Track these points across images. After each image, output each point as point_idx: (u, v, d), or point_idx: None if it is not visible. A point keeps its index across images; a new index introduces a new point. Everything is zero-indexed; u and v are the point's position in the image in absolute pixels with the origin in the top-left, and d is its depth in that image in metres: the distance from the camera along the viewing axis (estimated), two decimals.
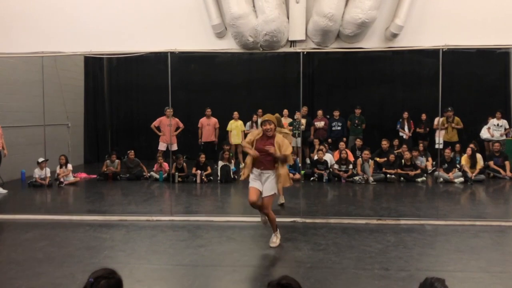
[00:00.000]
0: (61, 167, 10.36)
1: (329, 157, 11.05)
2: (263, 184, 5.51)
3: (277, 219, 6.81)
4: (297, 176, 10.46)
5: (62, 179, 10.22)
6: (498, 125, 11.96)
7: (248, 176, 5.60)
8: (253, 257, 5.40)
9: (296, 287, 2.22)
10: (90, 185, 10.59)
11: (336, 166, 10.80)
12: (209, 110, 11.89)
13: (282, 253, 5.44)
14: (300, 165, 10.75)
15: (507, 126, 12.05)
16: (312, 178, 10.60)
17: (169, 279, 4.70)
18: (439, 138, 10.26)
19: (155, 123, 11.44)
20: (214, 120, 11.87)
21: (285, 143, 5.48)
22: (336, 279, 4.58)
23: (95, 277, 2.26)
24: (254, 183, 5.53)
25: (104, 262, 4.99)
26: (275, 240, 5.68)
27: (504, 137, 11.88)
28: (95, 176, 11.20)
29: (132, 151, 11.38)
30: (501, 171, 10.77)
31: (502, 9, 6.68)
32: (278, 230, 5.76)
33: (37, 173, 10.16)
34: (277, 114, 7.94)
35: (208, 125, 11.81)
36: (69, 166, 10.54)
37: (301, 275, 4.63)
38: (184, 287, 4.46)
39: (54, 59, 10.58)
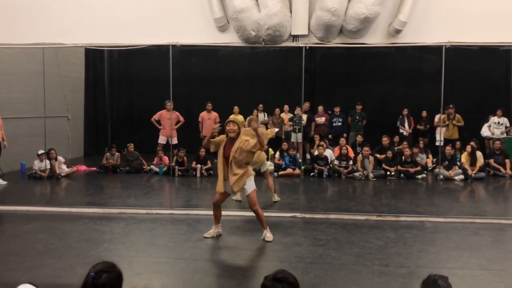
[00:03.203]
0: (50, 160, 10.16)
1: (329, 153, 11.04)
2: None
3: (278, 214, 6.87)
4: (297, 171, 10.47)
5: (59, 171, 10.18)
6: (498, 123, 11.95)
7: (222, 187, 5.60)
8: (253, 252, 5.41)
9: (293, 281, 2.21)
10: (89, 177, 10.59)
11: (336, 162, 10.79)
12: (210, 104, 11.86)
13: (282, 248, 5.43)
14: (300, 160, 10.74)
15: (508, 124, 12.04)
16: (312, 174, 10.60)
17: (169, 273, 4.69)
18: (440, 135, 10.24)
19: (155, 116, 11.41)
20: (214, 114, 11.83)
21: (247, 141, 5.44)
22: (336, 274, 4.58)
23: (96, 271, 2.23)
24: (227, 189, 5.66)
25: (103, 255, 4.99)
26: (269, 235, 5.66)
27: (504, 135, 11.87)
28: (95, 168, 11.19)
29: (132, 144, 11.36)
30: (502, 169, 10.75)
31: (506, 6, 6.63)
32: (268, 227, 5.73)
33: (37, 165, 10.14)
34: (254, 115, 8.03)
35: (208, 119, 11.78)
36: (60, 159, 10.46)
37: (300, 270, 4.63)
38: (184, 281, 4.46)
39: (55, 51, 10.53)
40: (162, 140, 11.45)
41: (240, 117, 11.82)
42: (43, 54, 7.99)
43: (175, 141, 11.19)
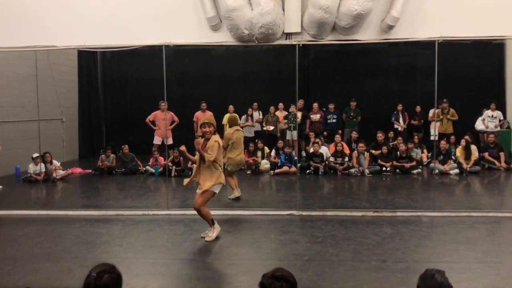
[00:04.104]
0: (45, 163, 10.11)
1: (324, 150, 11.06)
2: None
3: (274, 212, 6.88)
4: (293, 169, 10.48)
5: (55, 175, 10.13)
6: (492, 116, 12.00)
7: (190, 181, 5.64)
8: (251, 250, 5.41)
9: (291, 279, 2.22)
10: (85, 180, 10.55)
11: (331, 159, 10.81)
12: (204, 104, 11.84)
13: (279, 246, 5.44)
14: (296, 158, 10.75)
15: (502, 118, 12.10)
16: (308, 171, 10.61)
17: (167, 274, 4.69)
18: (435, 130, 10.26)
19: (150, 117, 11.38)
20: (209, 113, 11.79)
21: (212, 146, 5.46)
22: (334, 271, 4.59)
23: (97, 272, 2.26)
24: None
25: (101, 257, 4.97)
26: (211, 234, 5.64)
27: (498, 128, 11.94)
28: (90, 171, 11.15)
29: (127, 145, 11.33)
30: (496, 162, 10.81)
31: (498, 0, 6.66)
32: (215, 223, 5.72)
33: (32, 168, 10.09)
34: (234, 114, 8.12)
35: None
36: (55, 162, 10.42)
37: (298, 267, 4.64)
38: (182, 281, 4.46)
39: (47, 53, 10.47)
40: (157, 140, 11.43)
41: (235, 116, 11.84)
42: (36, 57, 7.94)
43: (170, 141, 11.17)
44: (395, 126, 12.60)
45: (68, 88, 13.34)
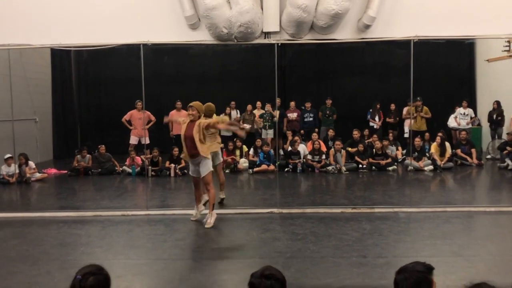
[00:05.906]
0: (20, 166, 9.88)
1: (302, 148, 11.15)
2: (199, 168, 6.13)
3: (255, 211, 6.90)
4: (272, 167, 10.54)
5: (29, 175, 9.89)
6: (464, 114, 12.33)
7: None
8: (233, 249, 5.42)
9: (280, 278, 2.24)
10: (61, 181, 10.35)
11: (309, 157, 10.91)
12: (179, 103, 11.67)
13: (261, 244, 5.47)
14: (274, 156, 10.80)
15: (473, 115, 12.44)
16: (286, 169, 10.67)
17: (150, 274, 4.65)
18: (410, 127, 10.46)
19: (126, 116, 11.24)
20: (184, 113, 11.66)
21: (208, 121, 6.17)
22: (316, 267, 4.64)
23: (83, 274, 2.22)
24: (193, 173, 6.31)
25: (81, 259, 4.90)
26: (210, 220, 6.06)
27: (470, 126, 12.28)
28: (65, 171, 10.94)
29: (103, 145, 11.17)
30: (468, 158, 11.11)
31: (470, 0, 6.84)
32: (214, 210, 6.19)
33: (4, 170, 9.84)
34: (210, 104, 7.84)
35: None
36: (31, 164, 10.18)
37: (281, 265, 4.66)
38: (165, 281, 4.44)
39: (20, 52, 10.22)
40: (133, 140, 11.30)
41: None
42: (9, 56, 7.74)
43: (147, 140, 11.05)
44: (371, 124, 12.80)
45: (42, 87, 13.06)
